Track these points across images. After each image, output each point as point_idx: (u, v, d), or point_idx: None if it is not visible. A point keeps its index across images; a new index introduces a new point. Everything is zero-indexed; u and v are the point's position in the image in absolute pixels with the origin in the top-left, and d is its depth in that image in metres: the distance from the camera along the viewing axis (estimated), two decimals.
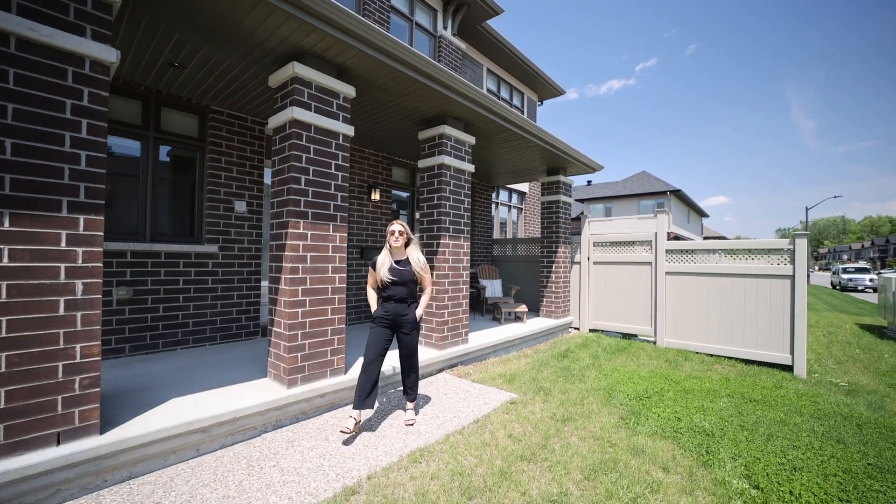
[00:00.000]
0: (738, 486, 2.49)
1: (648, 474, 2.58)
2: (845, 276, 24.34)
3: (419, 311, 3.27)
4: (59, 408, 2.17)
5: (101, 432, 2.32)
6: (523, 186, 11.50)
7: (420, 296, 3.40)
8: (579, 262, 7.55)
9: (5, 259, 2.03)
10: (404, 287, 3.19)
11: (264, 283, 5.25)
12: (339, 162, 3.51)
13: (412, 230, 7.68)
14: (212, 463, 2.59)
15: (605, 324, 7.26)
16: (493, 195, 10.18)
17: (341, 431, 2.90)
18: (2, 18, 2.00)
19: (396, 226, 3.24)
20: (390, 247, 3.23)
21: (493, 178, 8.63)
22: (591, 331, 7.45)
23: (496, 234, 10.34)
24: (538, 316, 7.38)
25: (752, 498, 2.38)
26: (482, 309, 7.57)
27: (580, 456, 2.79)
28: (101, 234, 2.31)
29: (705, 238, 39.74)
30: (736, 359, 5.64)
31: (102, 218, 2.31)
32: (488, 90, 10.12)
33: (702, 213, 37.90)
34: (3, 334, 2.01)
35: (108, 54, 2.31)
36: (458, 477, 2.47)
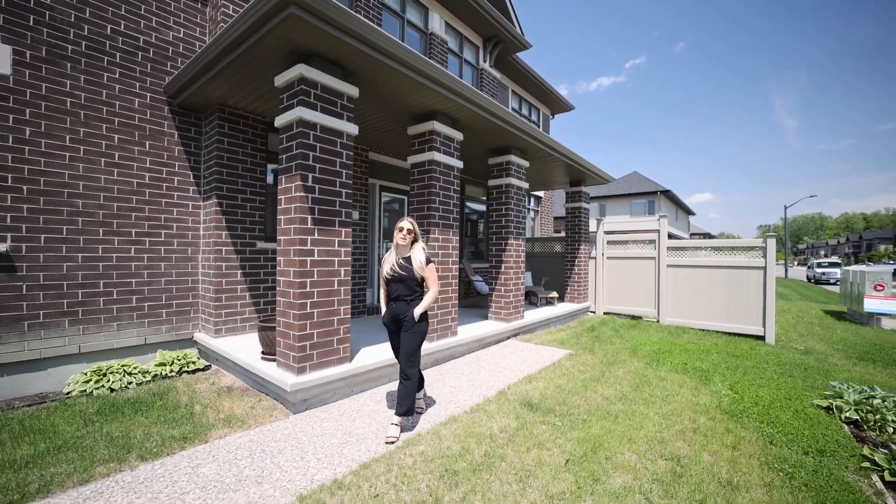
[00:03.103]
0: (725, 392, 4.12)
1: (671, 387, 4.20)
2: (819, 271, 26.70)
3: (418, 309, 3.05)
4: (335, 344, 3.67)
5: (350, 361, 3.83)
6: (539, 192, 13.09)
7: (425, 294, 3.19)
8: (595, 257, 9.19)
9: (316, 255, 3.51)
10: (404, 285, 3.08)
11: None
12: (455, 187, 5.03)
13: (463, 231, 9.16)
14: None
15: (617, 307, 8.92)
16: None
17: (386, 441, 2.89)
18: (322, 118, 3.47)
19: (405, 223, 3.12)
20: (397, 244, 3.15)
21: None
22: (605, 313, 9.11)
23: None
24: (562, 301, 9.00)
25: (734, 396, 4.01)
26: None
27: (626, 380, 4.39)
28: (351, 240, 3.80)
29: (692, 234, 42.14)
30: (722, 332, 7.33)
31: (351, 230, 3.80)
32: (512, 109, 11.65)
33: (689, 212, 40.21)
34: (315, 299, 3.51)
35: (353, 129, 3.79)
36: (558, 388, 4.04)
